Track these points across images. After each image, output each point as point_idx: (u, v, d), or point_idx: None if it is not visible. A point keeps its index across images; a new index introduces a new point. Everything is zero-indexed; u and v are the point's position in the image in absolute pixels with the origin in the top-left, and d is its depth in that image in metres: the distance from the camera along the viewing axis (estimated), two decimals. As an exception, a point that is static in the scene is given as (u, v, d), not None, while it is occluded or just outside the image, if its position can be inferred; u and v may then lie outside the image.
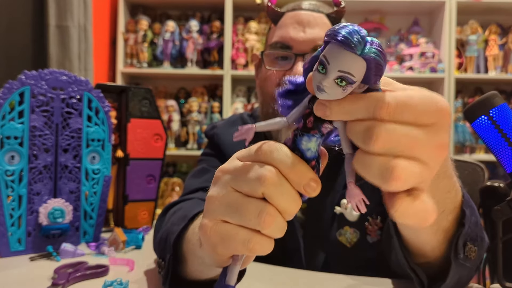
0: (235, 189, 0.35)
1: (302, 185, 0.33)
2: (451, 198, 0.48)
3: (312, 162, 0.34)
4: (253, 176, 0.34)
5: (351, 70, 0.29)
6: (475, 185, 1.06)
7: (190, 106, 2.52)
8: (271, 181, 0.33)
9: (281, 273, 0.72)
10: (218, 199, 0.36)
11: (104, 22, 2.44)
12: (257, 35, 2.51)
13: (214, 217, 0.36)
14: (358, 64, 0.29)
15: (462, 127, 2.45)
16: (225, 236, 0.35)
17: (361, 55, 0.29)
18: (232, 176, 0.36)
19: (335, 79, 0.30)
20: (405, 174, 0.29)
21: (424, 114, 0.31)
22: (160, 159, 1.05)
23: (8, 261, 0.76)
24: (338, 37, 0.29)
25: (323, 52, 0.31)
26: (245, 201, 0.34)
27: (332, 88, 0.30)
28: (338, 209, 0.79)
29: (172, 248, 0.57)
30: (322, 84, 0.30)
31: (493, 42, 2.46)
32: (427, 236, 0.51)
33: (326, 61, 0.30)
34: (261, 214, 0.33)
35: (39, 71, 0.82)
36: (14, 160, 0.79)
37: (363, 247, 0.78)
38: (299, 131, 0.34)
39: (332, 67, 0.30)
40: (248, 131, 0.35)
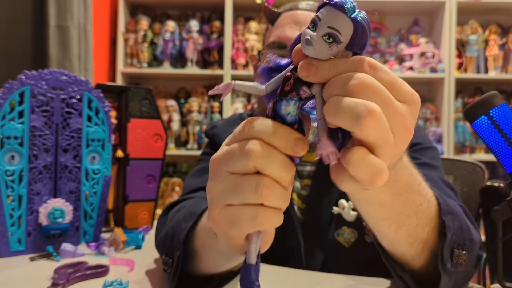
0: (229, 172, 0.36)
1: (289, 147, 0.34)
2: (423, 211, 0.48)
3: (294, 126, 0.35)
4: (240, 153, 0.34)
5: (339, 28, 0.31)
6: (475, 185, 1.06)
7: (190, 106, 2.52)
8: (258, 153, 0.33)
9: (281, 273, 0.72)
10: (216, 186, 0.37)
11: (104, 22, 2.44)
12: (257, 35, 2.51)
13: (217, 204, 0.37)
14: (346, 24, 0.31)
15: (462, 127, 2.45)
16: (232, 218, 0.36)
17: (350, 17, 0.31)
18: (223, 160, 0.36)
19: (324, 35, 0.32)
20: (377, 115, 0.30)
21: (401, 88, 0.33)
22: (160, 159, 1.05)
23: (8, 261, 0.76)
24: (333, 1, 0.31)
25: (317, 12, 0.33)
26: (240, 180, 0.35)
27: (319, 43, 0.32)
28: (336, 210, 0.79)
29: (182, 245, 0.57)
30: (312, 37, 0.32)
31: (493, 42, 2.46)
32: (403, 248, 0.51)
33: (317, 18, 0.32)
34: (257, 188, 0.34)
35: (39, 71, 0.82)
36: (14, 160, 0.79)
37: (361, 247, 0.78)
38: (278, 97, 0.35)
39: (322, 23, 0.32)
40: (226, 87, 0.35)
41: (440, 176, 0.76)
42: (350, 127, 0.31)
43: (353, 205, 0.78)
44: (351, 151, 0.31)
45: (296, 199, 0.83)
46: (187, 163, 2.64)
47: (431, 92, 2.67)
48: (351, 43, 0.32)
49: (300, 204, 0.83)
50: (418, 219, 0.48)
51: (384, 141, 0.31)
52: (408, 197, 0.45)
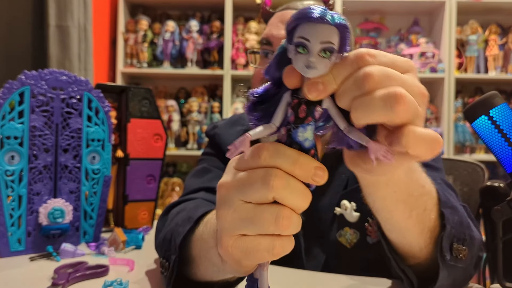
0: (244, 200, 0.35)
1: (310, 177, 0.33)
2: (427, 194, 0.50)
3: (311, 151, 0.34)
4: (259, 183, 0.33)
5: (330, 39, 0.31)
6: (475, 185, 1.06)
7: (190, 106, 2.52)
8: (279, 184, 0.33)
9: (282, 273, 0.72)
10: (230, 215, 0.35)
11: (104, 22, 2.44)
12: (257, 35, 2.51)
13: (231, 234, 0.35)
14: (333, 32, 0.31)
15: (462, 127, 2.45)
16: (248, 249, 0.35)
17: (334, 24, 0.31)
18: (238, 188, 0.35)
19: (319, 52, 0.31)
20: (407, 97, 0.31)
21: (398, 61, 0.34)
22: (160, 159, 1.05)
23: (8, 261, 0.76)
24: (305, 16, 0.31)
25: (295, 36, 0.32)
26: (258, 211, 0.34)
27: (319, 62, 0.31)
28: (338, 210, 0.79)
29: (178, 249, 0.57)
30: (310, 61, 0.31)
31: (493, 42, 2.46)
32: (413, 237, 0.51)
33: (304, 39, 0.31)
34: (277, 220, 0.33)
35: (39, 71, 0.82)
36: (14, 160, 0.79)
37: (363, 248, 0.78)
38: (292, 124, 0.34)
39: (313, 42, 0.31)
40: (243, 143, 0.33)
41: (442, 178, 0.76)
42: (386, 119, 0.31)
43: (355, 206, 0.78)
44: (402, 133, 0.31)
45: None
46: (187, 163, 2.64)
47: (431, 92, 2.67)
48: (341, 46, 0.32)
49: None
50: (424, 203, 0.49)
51: (417, 115, 0.32)
52: (413, 175, 0.46)
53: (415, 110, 0.32)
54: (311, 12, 0.31)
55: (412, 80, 0.33)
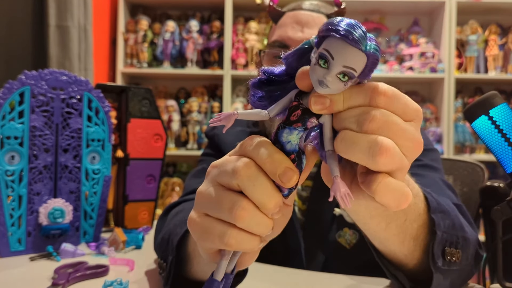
0: (218, 182, 0.35)
1: (277, 174, 0.33)
2: (410, 206, 0.48)
3: (292, 155, 0.34)
4: (229, 168, 0.34)
5: (355, 66, 0.30)
6: (475, 185, 1.06)
7: (190, 106, 2.52)
8: (244, 172, 0.33)
9: (282, 273, 0.72)
10: (204, 191, 0.36)
11: (104, 22, 2.44)
12: (257, 35, 2.51)
13: (198, 210, 0.36)
14: (361, 59, 0.30)
15: (462, 127, 2.45)
16: (204, 229, 0.35)
17: (365, 51, 0.30)
18: (217, 169, 0.36)
19: (338, 73, 0.30)
20: (392, 151, 0.31)
21: (409, 109, 0.33)
22: (160, 159, 1.05)
23: (8, 261, 0.76)
24: (342, 32, 0.29)
25: (323, 46, 0.30)
26: (222, 194, 0.34)
27: (334, 83, 0.30)
28: (337, 211, 0.79)
29: (175, 250, 0.57)
30: (326, 79, 0.30)
31: (493, 42, 2.46)
32: (395, 246, 0.51)
33: (329, 55, 0.30)
34: (233, 208, 0.33)
35: (39, 71, 0.82)
36: (14, 160, 0.79)
37: (362, 249, 0.78)
38: (281, 124, 0.34)
39: (336, 62, 0.30)
40: (228, 117, 0.34)
41: (441, 178, 0.76)
42: (365, 164, 0.32)
43: None
44: (375, 180, 0.32)
45: (297, 200, 0.83)
46: (187, 163, 2.64)
47: (431, 92, 2.67)
48: (363, 74, 0.31)
49: (301, 205, 0.83)
50: (405, 215, 0.48)
51: (400, 168, 0.32)
52: None
53: (398, 163, 0.32)
54: (350, 31, 0.29)
55: (412, 132, 0.33)
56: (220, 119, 0.34)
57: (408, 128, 0.33)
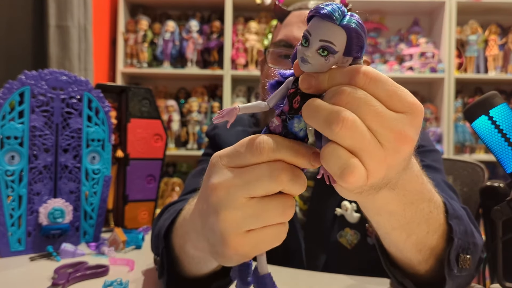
0: (249, 197, 0.34)
1: (310, 164, 0.34)
2: (433, 218, 0.48)
3: (305, 139, 0.35)
4: (267, 179, 0.33)
5: (331, 39, 0.31)
6: (475, 185, 1.06)
7: (190, 106, 2.52)
8: (287, 177, 0.33)
9: (282, 272, 0.72)
10: (233, 214, 0.34)
11: (104, 22, 2.44)
12: (257, 35, 2.51)
13: (238, 233, 0.34)
14: (338, 33, 0.31)
15: (462, 127, 2.45)
16: (257, 243, 0.35)
17: (340, 24, 0.31)
18: (242, 187, 0.34)
19: (317, 49, 0.31)
20: (350, 123, 0.30)
21: (398, 98, 0.32)
22: (160, 159, 1.05)
23: (8, 261, 0.76)
24: (320, 11, 0.31)
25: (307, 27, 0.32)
26: (265, 205, 0.34)
27: (314, 58, 0.32)
28: (338, 211, 0.79)
29: (163, 239, 0.57)
30: (306, 55, 0.32)
31: (493, 42, 2.46)
32: (411, 254, 0.51)
33: (308, 34, 0.31)
34: (285, 210, 0.34)
35: (39, 71, 0.82)
36: (14, 160, 0.79)
37: (364, 249, 0.78)
38: (288, 114, 0.34)
39: (313, 38, 0.31)
40: (230, 112, 0.34)
41: (443, 179, 0.76)
42: (323, 131, 0.31)
43: (356, 207, 0.78)
44: (324, 147, 0.32)
45: (298, 200, 0.83)
46: (187, 163, 2.64)
47: (431, 92, 2.67)
48: (347, 49, 0.31)
49: (302, 205, 0.83)
50: (428, 227, 0.48)
51: (362, 149, 0.31)
52: (419, 206, 0.44)
53: (359, 143, 0.30)
54: (322, 7, 0.31)
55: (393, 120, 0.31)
56: (222, 115, 0.34)
57: (389, 115, 0.31)
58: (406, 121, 0.32)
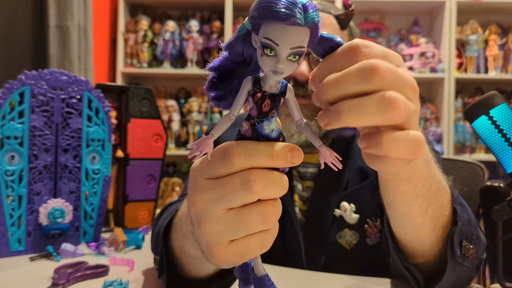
0: (226, 209, 0.33)
1: (287, 163, 0.33)
2: (443, 189, 0.50)
3: (280, 138, 0.33)
4: (241, 191, 0.32)
5: (301, 43, 0.29)
6: (475, 185, 1.06)
7: (190, 106, 2.52)
8: (261, 186, 0.32)
9: (282, 272, 0.72)
10: (214, 227, 0.33)
11: (104, 22, 2.44)
12: (257, 35, 2.51)
13: (221, 244, 0.34)
14: (305, 34, 0.29)
15: (462, 127, 2.45)
16: (241, 252, 0.34)
17: (306, 24, 0.28)
18: (217, 200, 0.33)
19: (288, 57, 0.29)
20: (401, 101, 0.31)
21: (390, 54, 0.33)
22: (160, 159, 1.05)
23: (8, 261, 0.76)
24: (279, 15, 0.27)
25: (263, 34, 0.28)
26: (244, 215, 0.33)
27: (287, 67, 0.29)
28: (337, 212, 0.79)
29: (162, 239, 0.57)
30: (278, 67, 0.29)
31: (493, 42, 2.46)
32: (427, 233, 0.51)
33: (272, 43, 0.28)
34: (265, 218, 0.33)
35: (39, 71, 0.82)
36: (14, 160, 0.79)
37: (363, 250, 0.78)
38: (256, 119, 0.32)
39: (282, 48, 0.28)
40: (204, 142, 0.31)
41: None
42: (382, 122, 0.31)
43: (355, 208, 0.78)
44: (381, 140, 0.31)
45: (298, 201, 0.83)
46: (187, 163, 2.64)
47: (431, 92, 2.67)
48: (309, 44, 0.30)
49: (301, 206, 0.83)
50: (441, 197, 0.49)
51: (410, 114, 0.32)
52: (432, 169, 0.46)
53: (407, 111, 0.32)
54: (279, 11, 0.27)
55: (407, 75, 0.33)
56: (198, 149, 0.31)
57: (401, 71, 0.33)
58: (406, 71, 0.34)
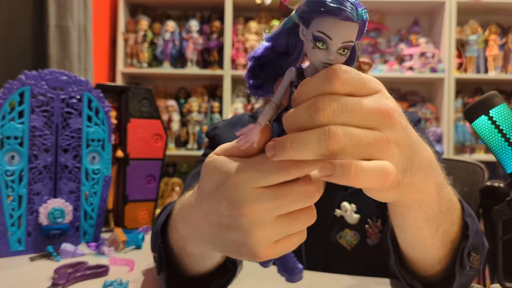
0: (279, 215, 0.34)
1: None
2: (453, 207, 0.48)
3: None
4: (302, 200, 0.34)
5: (352, 38, 0.30)
6: (475, 185, 1.06)
7: (190, 106, 2.52)
8: (319, 194, 0.34)
9: (281, 273, 0.71)
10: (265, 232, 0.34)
11: (104, 22, 2.44)
12: (257, 35, 2.51)
13: (267, 246, 0.35)
14: (355, 29, 0.30)
15: (462, 127, 2.45)
16: (283, 249, 0.37)
17: (357, 21, 0.30)
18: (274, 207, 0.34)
19: (338, 50, 0.30)
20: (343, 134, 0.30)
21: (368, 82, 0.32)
22: (160, 159, 1.05)
23: (8, 261, 0.76)
24: (334, 10, 0.28)
25: (315, 27, 0.30)
26: (295, 219, 0.35)
27: (337, 59, 0.31)
28: (338, 212, 0.79)
29: (160, 235, 0.57)
30: (329, 59, 0.30)
31: (493, 42, 2.46)
32: (435, 250, 0.51)
33: (326, 36, 0.29)
34: (310, 220, 0.35)
35: (39, 71, 0.82)
36: (14, 160, 0.79)
37: (363, 250, 0.78)
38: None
39: (335, 41, 0.30)
40: (252, 131, 0.32)
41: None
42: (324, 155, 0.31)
43: (356, 208, 0.78)
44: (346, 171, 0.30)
45: None
46: (187, 163, 2.64)
47: (431, 92, 2.67)
48: (357, 39, 0.31)
49: None
50: (451, 215, 0.48)
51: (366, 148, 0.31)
52: (444, 191, 0.45)
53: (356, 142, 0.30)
54: (341, 8, 0.28)
55: (372, 103, 0.31)
56: (247, 138, 0.32)
57: (366, 100, 0.31)
58: (379, 98, 0.32)
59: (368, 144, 0.31)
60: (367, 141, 0.31)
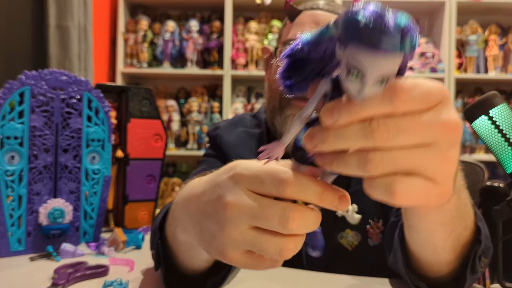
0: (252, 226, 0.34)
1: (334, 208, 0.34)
2: (468, 212, 0.48)
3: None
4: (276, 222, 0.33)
5: (392, 71, 0.26)
6: (475, 185, 1.06)
7: (190, 106, 2.52)
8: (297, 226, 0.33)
9: (282, 272, 0.72)
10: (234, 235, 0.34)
11: (104, 22, 2.44)
12: (257, 35, 2.51)
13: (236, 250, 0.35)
14: (398, 61, 0.26)
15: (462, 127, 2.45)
16: (251, 264, 0.36)
17: (401, 51, 0.24)
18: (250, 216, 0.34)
19: (375, 80, 0.26)
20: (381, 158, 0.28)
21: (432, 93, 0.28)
22: (160, 159, 1.05)
23: (8, 261, 0.76)
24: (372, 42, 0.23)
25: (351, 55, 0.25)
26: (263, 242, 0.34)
27: (372, 91, 0.26)
28: (339, 212, 0.79)
29: (158, 231, 0.57)
30: (364, 92, 0.26)
31: (493, 42, 2.46)
32: (446, 254, 0.50)
33: (362, 69, 0.25)
34: (281, 252, 0.33)
35: (39, 71, 0.82)
36: (14, 160, 0.79)
37: (365, 250, 0.78)
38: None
39: (371, 75, 0.25)
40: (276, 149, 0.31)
41: None
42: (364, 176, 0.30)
43: (357, 208, 0.78)
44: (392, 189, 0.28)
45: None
46: (187, 163, 2.64)
47: (431, 92, 2.67)
48: (400, 72, 0.27)
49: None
50: (465, 221, 0.48)
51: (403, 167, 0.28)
52: (462, 194, 0.44)
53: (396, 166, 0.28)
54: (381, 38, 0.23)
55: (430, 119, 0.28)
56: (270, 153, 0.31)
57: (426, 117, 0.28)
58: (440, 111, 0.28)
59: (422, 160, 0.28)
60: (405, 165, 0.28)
